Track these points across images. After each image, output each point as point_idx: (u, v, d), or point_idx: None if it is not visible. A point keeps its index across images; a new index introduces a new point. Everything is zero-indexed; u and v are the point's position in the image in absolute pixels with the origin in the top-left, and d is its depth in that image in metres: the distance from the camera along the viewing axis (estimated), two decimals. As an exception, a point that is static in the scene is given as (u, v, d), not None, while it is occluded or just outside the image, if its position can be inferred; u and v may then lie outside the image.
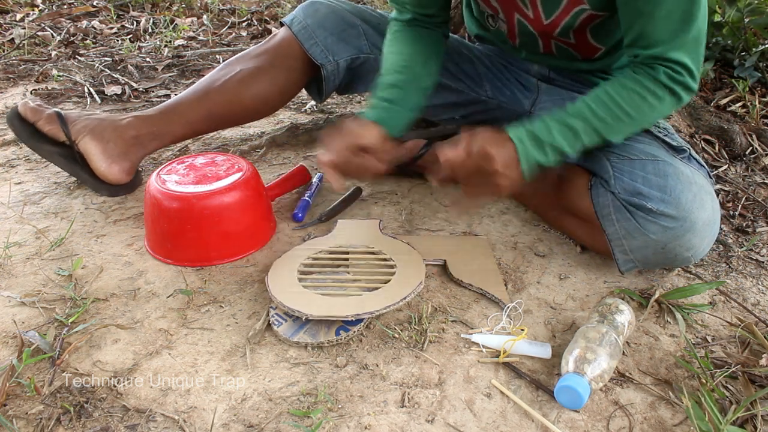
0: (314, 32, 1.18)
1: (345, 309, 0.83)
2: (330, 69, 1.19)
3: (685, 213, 0.88)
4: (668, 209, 0.88)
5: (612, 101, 0.88)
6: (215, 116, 1.22)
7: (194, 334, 0.85)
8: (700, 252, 0.93)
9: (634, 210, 0.91)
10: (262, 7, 2.75)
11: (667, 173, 0.91)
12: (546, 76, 1.18)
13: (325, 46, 1.18)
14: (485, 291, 0.94)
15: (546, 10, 0.98)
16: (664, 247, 0.91)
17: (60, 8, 2.59)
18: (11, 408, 0.72)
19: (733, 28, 1.72)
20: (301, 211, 1.14)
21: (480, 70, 1.22)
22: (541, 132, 0.88)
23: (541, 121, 0.89)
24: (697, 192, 0.90)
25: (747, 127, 1.51)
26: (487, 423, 0.72)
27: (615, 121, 0.89)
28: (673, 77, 0.86)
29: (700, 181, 0.93)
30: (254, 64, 1.21)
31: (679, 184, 0.90)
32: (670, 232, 0.89)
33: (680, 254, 0.92)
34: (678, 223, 0.89)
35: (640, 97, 0.88)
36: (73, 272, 0.96)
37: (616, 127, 0.89)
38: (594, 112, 0.88)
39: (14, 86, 1.84)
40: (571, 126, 0.88)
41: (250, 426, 0.70)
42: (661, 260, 0.95)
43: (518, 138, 0.87)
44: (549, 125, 0.88)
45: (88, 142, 1.15)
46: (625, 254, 0.95)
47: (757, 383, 0.78)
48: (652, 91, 0.87)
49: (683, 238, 0.90)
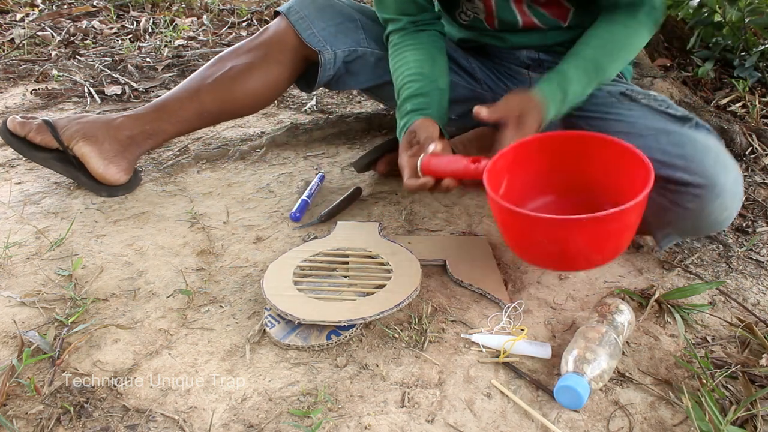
0: (312, 23, 1.17)
1: (338, 314, 0.83)
2: (327, 57, 1.18)
3: (714, 178, 0.87)
4: (696, 178, 0.87)
5: (614, 45, 0.99)
6: (207, 113, 1.21)
7: (194, 334, 0.85)
8: (733, 212, 0.92)
9: (665, 183, 0.90)
10: (262, 7, 2.75)
11: (684, 142, 0.91)
12: (536, 59, 1.18)
13: (323, 37, 1.17)
14: (485, 291, 0.94)
15: None
16: (701, 213, 0.89)
17: (60, 8, 2.59)
18: (11, 408, 0.72)
19: (733, 28, 1.72)
20: (300, 211, 1.14)
21: (474, 64, 1.23)
22: (571, 94, 0.96)
23: (569, 82, 0.96)
24: (717, 154, 0.89)
25: (747, 127, 1.51)
26: (487, 423, 0.72)
27: (618, 62, 0.99)
28: (650, 14, 1.00)
29: (714, 144, 0.92)
30: (246, 60, 1.20)
31: (697, 152, 0.90)
32: (704, 198, 0.88)
33: (717, 217, 0.90)
34: (708, 190, 0.87)
35: (634, 36, 1.00)
36: (73, 272, 0.96)
37: (617, 66, 1.00)
38: (604, 57, 0.98)
39: (14, 86, 1.84)
40: (587, 81, 0.98)
41: (250, 426, 0.70)
42: (700, 227, 0.93)
43: (547, 102, 0.93)
44: (574, 86, 0.96)
45: (82, 146, 1.15)
46: (663, 228, 0.95)
47: (757, 383, 0.78)
48: (639, 30, 1.00)
49: (717, 201, 0.88)
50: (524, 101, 0.92)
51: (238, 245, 1.06)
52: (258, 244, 1.07)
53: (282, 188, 1.27)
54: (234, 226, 1.12)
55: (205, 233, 1.09)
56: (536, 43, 1.15)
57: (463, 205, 1.21)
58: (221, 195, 1.24)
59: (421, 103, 1.02)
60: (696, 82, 1.76)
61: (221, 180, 1.30)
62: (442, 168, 0.89)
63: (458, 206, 1.21)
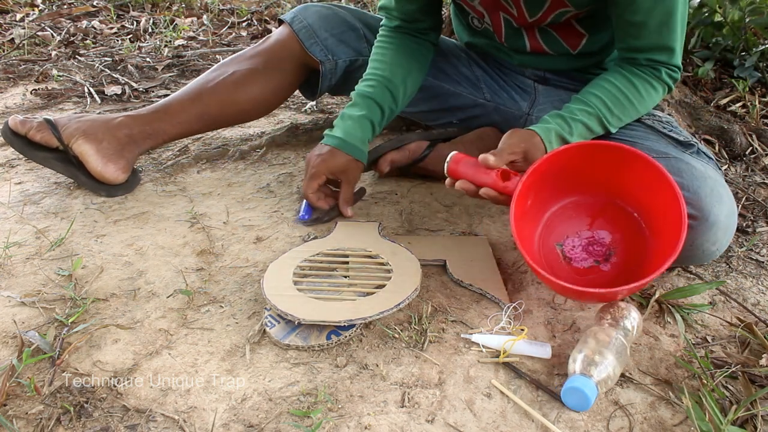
0: (315, 32, 1.18)
1: (338, 314, 0.83)
2: (328, 67, 1.19)
3: (708, 209, 0.87)
4: (689, 209, 0.87)
5: (623, 96, 0.96)
6: (208, 117, 1.22)
7: (194, 334, 0.85)
8: (724, 244, 0.92)
9: None
10: (262, 7, 2.75)
11: (681, 170, 0.91)
12: (542, 77, 1.18)
13: (326, 46, 1.18)
14: (485, 291, 0.94)
15: (530, 11, 0.99)
16: (692, 245, 0.89)
17: (60, 8, 2.59)
18: (11, 408, 0.72)
19: (734, 28, 1.72)
20: (307, 213, 1.13)
21: (477, 74, 1.23)
22: (567, 135, 0.95)
23: (566, 123, 0.95)
24: (713, 186, 0.89)
25: (747, 127, 1.51)
26: (487, 423, 0.72)
27: (623, 115, 0.98)
28: (671, 75, 0.99)
29: (713, 175, 0.92)
30: (248, 66, 1.21)
31: (695, 181, 0.89)
32: (696, 230, 0.88)
33: (707, 249, 0.91)
34: (701, 221, 0.87)
35: (646, 92, 0.98)
36: (73, 272, 0.96)
37: (622, 119, 0.99)
38: (611, 111, 0.97)
39: (14, 86, 1.84)
40: (589, 127, 0.97)
41: (250, 426, 0.70)
42: (688, 257, 0.93)
43: (548, 140, 0.93)
44: (573, 128, 0.95)
45: (81, 144, 1.15)
46: None
47: (757, 383, 0.78)
48: (654, 87, 0.98)
49: (708, 233, 0.88)
50: (525, 138, 0.92)
51: (238, 245, 1.06)
52: (258, 244, 1.07)
53: (282, 188, 1.27)
54: (234, 226, 1.12)
55: (205, 233, 1.09)
56: (543, 67, 1.15)
57: (463, 205, 1.21)
58: (221, 195, 1.24)
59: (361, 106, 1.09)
60: (696, 82, 1.76)
61: (221, 180, 1.30)
62: (471, 174, 0.91)
63: (458, 206, 1.21)
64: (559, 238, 0.98)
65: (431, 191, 1.27)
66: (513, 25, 1.07)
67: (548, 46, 1.09)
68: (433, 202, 1.22)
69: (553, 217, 0.98)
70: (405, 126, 1.55)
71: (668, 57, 0.95)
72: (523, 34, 1.08)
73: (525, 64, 1.16)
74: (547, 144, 0.92)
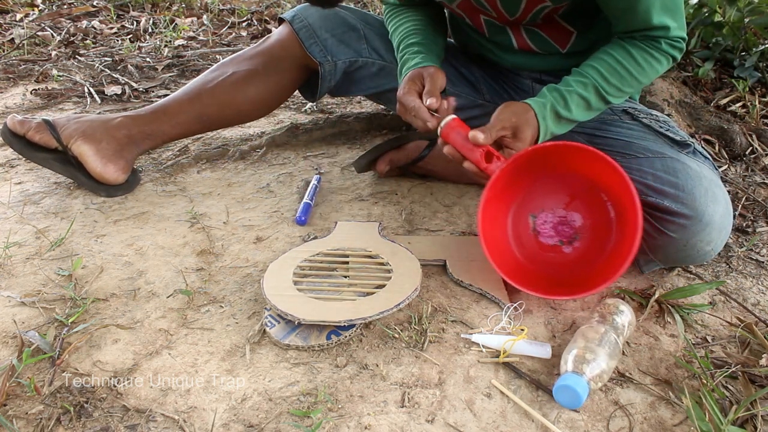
0: (315, 32, 1.18)
1: (338, 314, 0.83)
2: (327, 68, 1.19)
3: (702, 209, 0.88)
4: (683, 208, 0.88)
5: (620, 66, 0.94)
6: (207, 118, 1.22)
7: (194, 334, 0.85)
8: (719, 244, 0.92)
9: (651, 210, 0.91)
10: (262, 7, 2.75)
11: (677, 170, 0.91)
12: (538, 79, 1.18)
13: (325, 47, 1.18)
14: (485, 291, 0.94)
15: (508, 10, 0.99)
16: (686, 244, 0.90)
17: (60, 8, 2.59)
18: (11, 408, 0.72)
19: (733, 28, 1.72)
20: (304, 214, 1.13)
21: (476, 75, 1.23)
22: (562, 109, 0.93)
23: (561, 96, 0.93)
24: (708, 186, 0.90)
25: (747, 127, 1.51)
26: (487, 423, 0.72)
27: (621, 84, 0.95)
28: (673, 45, 0.94)
29: (708, 175, 0.92)
30: (248, 67, 1.20)
31: (690, 180, 0.90)
32: (690, 230, 0.88)
33: (701, 249, 0.91)
34: (695, 221, 0.88)
35: (647, 63, 0.94)
36: (73, 272, 0.96)
37: (621, 89, 0.95)
38: (608, 80, 0.94)
39: (14, 86, 1.84)
40: (587, 99, 0.94)
41: (250, 426, 0.70)
42: (683, 257, 0.93)
43: (542, 116, 0.92)
44: (568, 101, 0.93)
45: (80, 145, 1.15)
46: (646, 255, 0.95)
47: (757, 383, 0.78)
48: (655, 57, 0.94)
49: (702, 233, 0.88)
50: (518, 113, 0.91)
51: (238, 245, 1.06)
52: (258, 244, 1.07)
53: (282, 188, 1.27)
54: (234, 226, 1.12)
55: (205, 233, 1.09)
56: (535, 68, 1.15)
57: (463, 205, 1.21)
58: (221, 195, 1.24)
59: (426, 52, 1.03)
60: (696, 82, 1.76)
61: (221, 180, 1.30)
62: (459, 144, 0.91)
63: (458, 206, 1.21)
64: (535, 209, 1.00)
65: (431, 191, 1.27)
66: (496, 24, 1.07)
67: (536, 44, 1.08)
68: (433, 202, 1.22)
69: (537, 185, 0.99)
70: (405, 126, 1.55)
71: (664, 33, 0.93)
72: (509, 32, 1.08)
73: (518, 65, 1.16)
74: (540, 120, 0.91)
